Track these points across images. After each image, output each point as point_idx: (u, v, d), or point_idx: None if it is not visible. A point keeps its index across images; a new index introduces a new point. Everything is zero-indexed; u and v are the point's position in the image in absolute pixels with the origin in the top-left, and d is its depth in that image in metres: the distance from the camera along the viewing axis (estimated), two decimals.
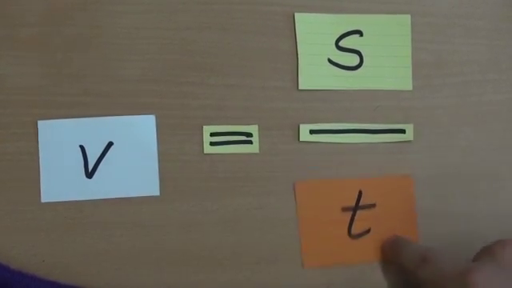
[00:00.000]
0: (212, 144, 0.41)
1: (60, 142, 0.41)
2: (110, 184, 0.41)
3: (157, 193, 0.41)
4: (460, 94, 0.44)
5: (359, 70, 0.44)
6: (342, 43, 0.44)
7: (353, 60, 0.44)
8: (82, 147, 0.41)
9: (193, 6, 0.43)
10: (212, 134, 0.42)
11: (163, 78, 0.42)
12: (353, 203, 0.44)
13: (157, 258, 0.41)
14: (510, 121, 0.45)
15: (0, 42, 0.41)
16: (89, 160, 0.41)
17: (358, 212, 0.44)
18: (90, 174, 0.41)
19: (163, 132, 0.42)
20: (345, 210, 0.43)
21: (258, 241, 0.42)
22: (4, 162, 0.41)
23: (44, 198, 0.40)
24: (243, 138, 0.42)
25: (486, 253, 0.36)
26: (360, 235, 0.43)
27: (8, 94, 0.41)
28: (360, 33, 0.44)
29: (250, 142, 0.42)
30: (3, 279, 0.39)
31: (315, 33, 0.44)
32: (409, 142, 0.44)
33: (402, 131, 0.44)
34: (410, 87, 0.44)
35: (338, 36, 0.44)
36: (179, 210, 0.41)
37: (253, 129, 0.42)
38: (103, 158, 0.41)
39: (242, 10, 0.44)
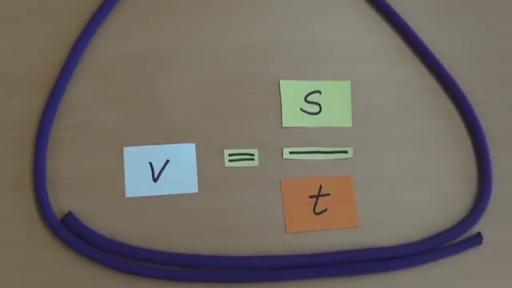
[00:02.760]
0: (230, 161, 0.50)
1: (137, 159, 0.49)
2: (168, 185, 0.49)
3: (196, 190, 0.49)
4: (385, 128, 0.52)
5: (319, 114, 0.52)
6: (308, 98, 0.52)
7: (315, 108, 0.52)
8: (150, 163, 0.49)
9: (212, 74, 0.51)
10: (230, 155, 0.50)
11: (200, 120, 0.50)
12: (316, 193, 0.50)
13: (196, 231, 0.49)
14: (417, 146, 0.53)
15: (97, 99, 0.49)
16: (155, 171, 0.49)
17: (320, 198, 0.50)
18: (155, 179, 0.49)
19: (200, 154, 0.50)
20: (311, 197, 0.50)
21: (256, 220, 0.49)
22: (98, 175, 0.48)
23: (128, 194, 0.48)
24: (249, 156, 0.50)
25: None
26: (321, 213, 0.50)
27: (103, 129, 0.49)
28: (319, 92, 0.52)
29: (253, 159, 0.50)
30: (103, 245, 0.47)
31: (292, 92, 0.51)
32: (350, 158, 0.51)
33: (346, 152, 0.51)
34: (350, 125, 0.52)
35: (306, 94, 0.52)
36: (210, 201, 0.49)
37: (255, 151, 0.50)
38: (163, 169, 0.49)
39: (247, 79, 0.51)
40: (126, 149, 0.49)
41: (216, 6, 0.53)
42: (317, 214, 0.50)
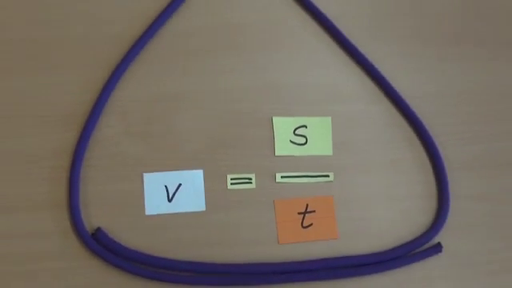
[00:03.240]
0: (232, 184, 0.54)
1: (155, 183, 0.53)
2: (181, 204, 0.53)
3: (203, 209, 0.53)
4: (360, 156, 0.56)
5: (305, 145, 0.55)
6: (296, 132, 0.55)
7: (302, 140, 0.55)
8: (165, 186, 0.53)
9: (217, 112, 0.55)
10: (232, 179, 0.54)
11: (207, 150, 0.54)
12: (303, 210, 0.54)
13: (204, 242, 0.53)
14: (386, 170, 0.57)
15: (122, 134, 0.54)
16: (169, 192, 0.53)
17: (306, 215, 0.54)
18: (170, 200, 0.53)
19: (207, 178, 0.54)
20: (299, 213, 0.54)
21: (254, 233, 0.54)
22: (123, 196, 0.52)
23: (147, 212, 0.53)
24: (247, 180, 0.54)
25: None
26: (307, 226, 0.54)
27: (126, 159, 0.53)
28: (306, 126, 0.55)
29: (251, 183, 0.54)
30: (128, 255, 0.50)
31: (283, 127, 0.55)
32: (331, 182, 0.55)
33: (328, 176, 0.55)
34: (331, 153, 0.56)
35: (294, 128, 0.55)
36: (215, 218, 0.53)
37: (252, 176, 0.54)
38: (177, 191, 0.53)
39: (246, 116, 0.56)
40: (145, 175, 0.54)
41: (219, 56, 0.57)
42: (304, 227, 0.54)
